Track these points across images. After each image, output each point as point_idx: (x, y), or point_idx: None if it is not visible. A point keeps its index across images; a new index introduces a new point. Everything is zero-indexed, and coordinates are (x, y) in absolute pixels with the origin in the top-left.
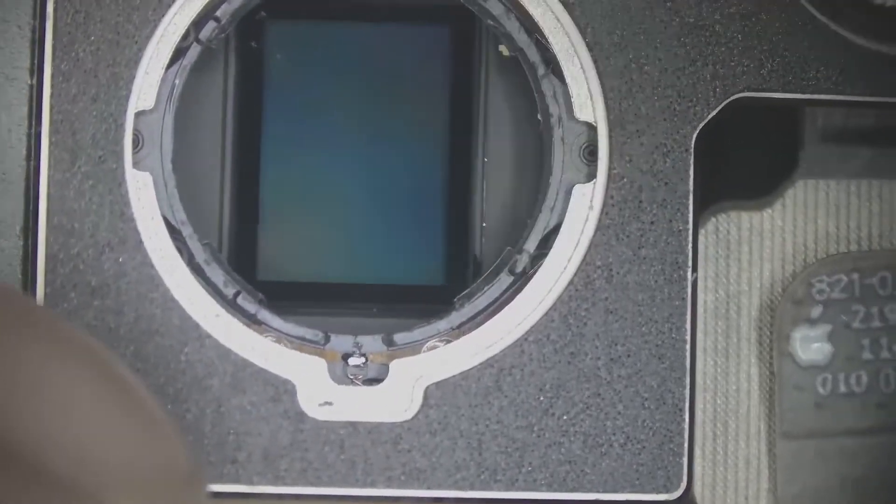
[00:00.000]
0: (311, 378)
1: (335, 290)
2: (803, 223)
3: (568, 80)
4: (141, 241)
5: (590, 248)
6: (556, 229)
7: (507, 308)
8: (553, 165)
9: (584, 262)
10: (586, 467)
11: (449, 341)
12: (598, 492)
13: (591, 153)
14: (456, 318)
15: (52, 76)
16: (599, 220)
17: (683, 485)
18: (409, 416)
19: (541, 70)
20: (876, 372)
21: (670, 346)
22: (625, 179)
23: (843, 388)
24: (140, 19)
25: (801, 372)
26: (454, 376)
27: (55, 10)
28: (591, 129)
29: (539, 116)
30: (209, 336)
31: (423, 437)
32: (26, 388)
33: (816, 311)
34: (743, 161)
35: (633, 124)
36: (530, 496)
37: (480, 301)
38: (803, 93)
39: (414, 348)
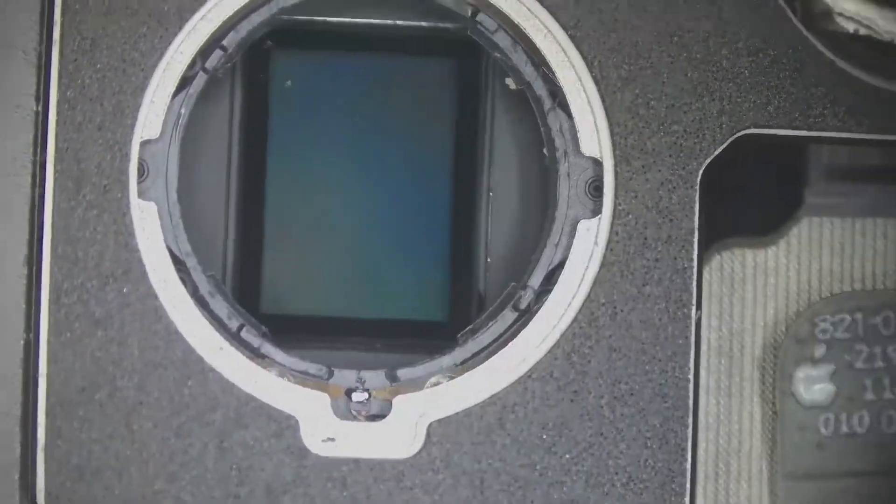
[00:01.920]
0: (315, 413)
1: (339, 324)
2: (808, 261)
3: (574, 114)
4: (145, 272)
5: (594, 284)
6: (560, 265)
7: (510, 345)
8: (558, 200)
9: (589, 299)
10: None
11: (452, 378)
12: None
13: (596, 188)
14: (459, 354)
15: (58, 103)
16: (604, 257)
17: None
18: (411, 452)
19: (547, 104)
20: (878, 412)
21: (673, 385)
22: (630, 216)
23: (845, 429)
24: (146, 47)
25: (804, 412)
26: (457, 413)
27: (62, 36)
28: (597, 164)
29: (545, 151)
30: (212, 370)
31: (425, 475)
32: None
33: (819, 351)
34: (748, 198)
35: (639, 160)
36: None
37: (484, 338)
38: (809, 130)
39: (417, 384)
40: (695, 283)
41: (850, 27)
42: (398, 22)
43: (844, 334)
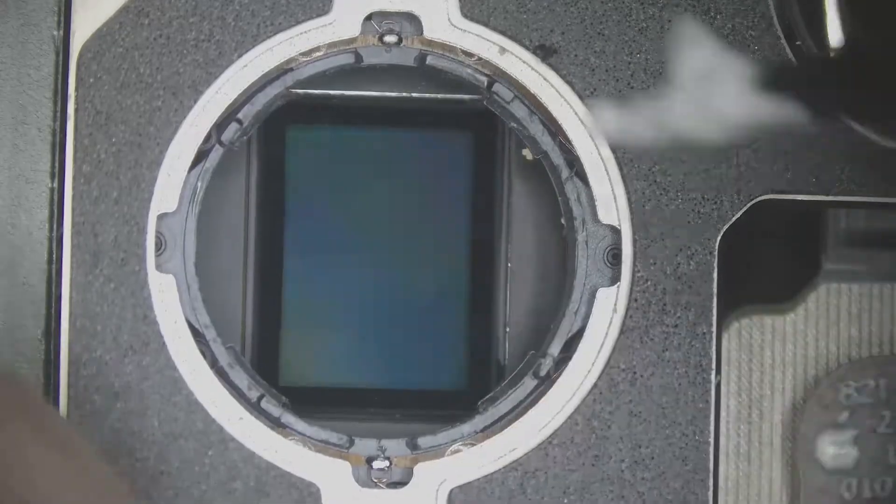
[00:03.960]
0: (336, 481)
1: (358, 395)
2: (826, 327)
3: (591, 183)
4: (164, 344)
5: (613, 351)
6: (579, 333)
7: (530, 411)
8: (577, 269)
9: (608, 365)
10: None
11: (473, 444)
12: None
13: (614, 256)
14: (480, 421)
15: (74, 178)
16: (623, 324)
17: None
18: None
19: (564, 173)
20: None
21: (693, 449)
22: (649, 282)
23: (867, 493)
24: (161, 121)
25: (827, 476)
26: (478, 479)
27: (76, 111)
28: (615, 232)
29: (563, 220)
30: (233, 439)
31: None
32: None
33: (843, 416)
34: (766, 264)
35: (657, 227)
36: None
37: (504, 405)
38: (826, 195)
39: (438, 452)
40: (714, 348)
41: None
42: (413, 94)
43: (868, 399)
